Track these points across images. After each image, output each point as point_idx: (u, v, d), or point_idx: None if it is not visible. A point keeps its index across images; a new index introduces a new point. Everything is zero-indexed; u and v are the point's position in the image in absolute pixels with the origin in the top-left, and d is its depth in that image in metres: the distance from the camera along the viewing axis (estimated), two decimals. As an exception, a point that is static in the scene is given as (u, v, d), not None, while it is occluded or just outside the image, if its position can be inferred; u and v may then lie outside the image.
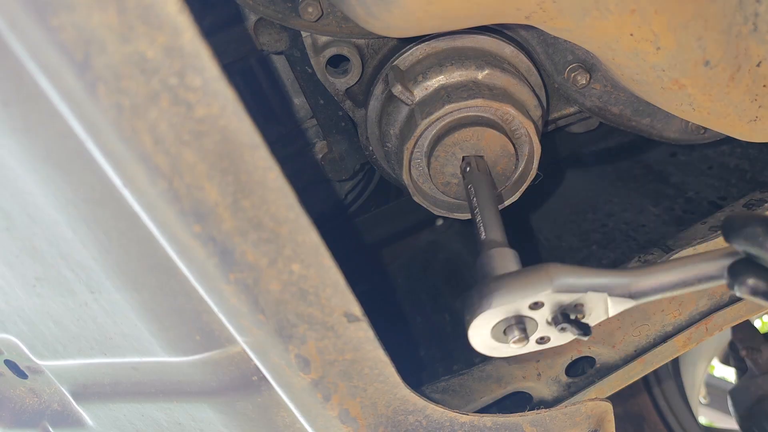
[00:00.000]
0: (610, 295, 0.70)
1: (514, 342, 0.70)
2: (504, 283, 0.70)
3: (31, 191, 0.72)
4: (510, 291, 0.70)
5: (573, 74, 0.99)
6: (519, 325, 0.70)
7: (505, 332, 0.71)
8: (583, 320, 0.71)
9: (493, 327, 0.71)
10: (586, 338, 0.71)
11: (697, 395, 2.22)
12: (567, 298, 0.69)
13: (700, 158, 1.45)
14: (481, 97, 0.89)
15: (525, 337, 0.70)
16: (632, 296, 0.71)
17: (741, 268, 0.68)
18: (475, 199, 0.85)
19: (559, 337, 0.73)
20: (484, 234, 0.80)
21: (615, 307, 0.71)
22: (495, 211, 0.83)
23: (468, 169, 0.90)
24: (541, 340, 0.74)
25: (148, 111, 0.54)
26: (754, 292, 0.67)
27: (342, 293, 0.67)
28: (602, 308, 0.71)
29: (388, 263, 1.71)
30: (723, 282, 0.69)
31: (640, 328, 0.98)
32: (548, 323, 0.71)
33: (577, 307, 0.71)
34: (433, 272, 1.63)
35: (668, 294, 0.71)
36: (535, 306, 0.70)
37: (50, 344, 0.94)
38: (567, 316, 0.70)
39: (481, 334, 0.72)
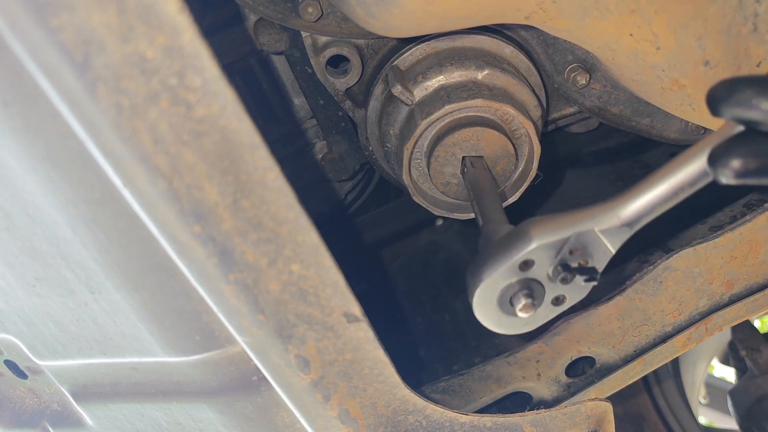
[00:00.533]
0: (601, 229, 0.67)
1: (521, 309, 0.68)
2: (489, 253, 0.69)
3: (31, 191, 0.72)
4: (495, 258, 0.67)
5: (573, 74, 0.99)
6: (523, 290, 0.68)
7: (512, 303, 0.69)
8: (589, 265, 0.69)
9: (498, 301, 0.69)
10: (595, 282, 0.68)
11: (697, 395, 2.22)
12: (557, 247, 0.67)
13: (700, 158, 1.44)
14: (480, 97, 0.89)
15: (531, 302, 0.68)
16: (626, 224, 0.67)
17: (720, 152, 0.61)
18: (473, 193, 0.85)
19: (574, 293, 0.70)
20: (482, 221, 0.78)
21: (613, 240, 0.68)
22: (495, 200, 0.82)
23: (466, 170, 0.90)
24: (557, 301, 0.71)
25: (148, 111, 0.54)
26: (743, 173, 0.60)
27: (342, 293, 0.67)
28: (601, 246, 0.68)
29: (388, 263, 1.71)
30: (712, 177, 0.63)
31: (640, 328, 0.98)
32: (550, 280, 0.69)
33: (575, 253, 0.68)
34: (433, 272, 1.63)
35: (662, 209, 0.67)
36: (526, 266, 0.67)
37: (50, 344, 0.94)
38: (567, 266, 0.68)
39: (489, 313, 0.70)
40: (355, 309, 0.68)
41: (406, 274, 1.68)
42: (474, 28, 0.92)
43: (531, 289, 0.69)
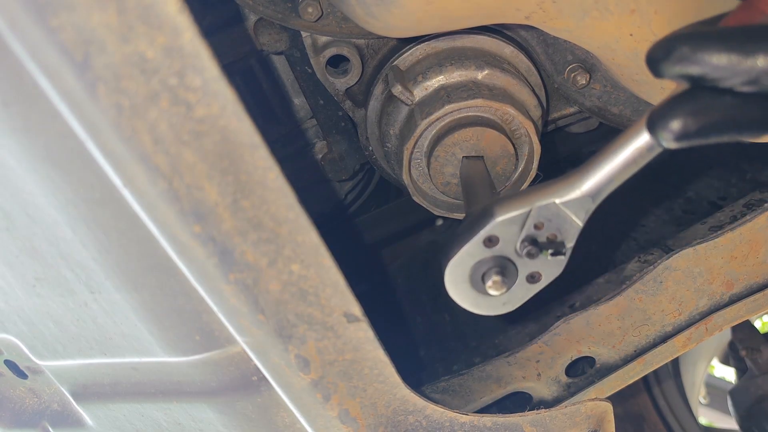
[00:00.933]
0: (562, 201, 0.67)
1: (491, 287, 0.69)
2: (456, 233, 0.70)
3: (31, 191, 0.72)
4: (461, 237, 0.69)
5: (573, 74, 0.99)
6: (494, 268, 0.69)
7: (484, 281, 0.70)
8: (558, 240, 0.69)
9: (470, 279, 0.70)
10: (562, 256, 0.69)
11: (697, 395, 2.22)
12: (519, 222, 0.68)
13: (700, 158, 1.45)
14: (480, 97, 0.89)
15: (502, 279, 0.69)
16: (588, 194, 0.67)
17: (658, 114, 0.58)
18: (464, 184, 0.85)
19: (547, 269, 0.71)
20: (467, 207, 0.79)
21: (577, 212, 0.68)
22: (485, 190, 0.82)
23: (461, 164, 0.90)
24: (532, 279, 0.71)
25: (148, 111, 0.54)
26: (683, 135, 0.57)
27: (342, 293, 0.67)
28: (567, 219, 0.68)
29: (388, 263, 1.71)
30: None
31: (640, 329, 0.98)
32: (518, 255, 0.69)
33: (539, 227, 0.68)
34: (433, 272, 1.63)
35: (623, 177, 0.66)
36: (491, 242, 0.68)
37: (50, 344, 0.94)
38: (533, 240, 0.68)
39: (463, 292, 0.71)
40: (355, 309, 0.68)
41: (406, 274, 1.68)
42: (474, 28, 0.92)
43: (502, 267, 0.69)
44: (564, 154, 1.48)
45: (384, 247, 1.69)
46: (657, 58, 0.57)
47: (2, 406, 1.11)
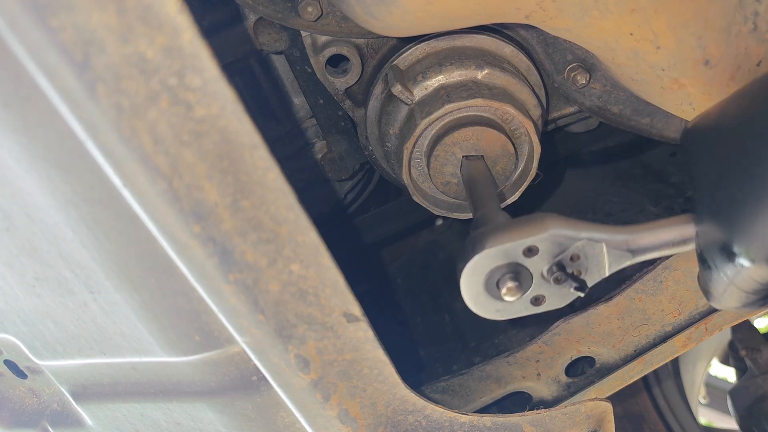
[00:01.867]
0: (609, 245, 0.68)
1: (506, 291, 0.68)
2: (499, 227, 0.69)
3: (31, 191, 0.72)
4: (505, 233, 0.68)
5: (573, 74, 0.99)
6: (513, 273, 0.69)
7: (498, 285, 0.69)
8: (581, 277, 0.70)
9: (487, 277, 0.70)
10: (582, 294, 0.69)
11: (697, 395, 2.22)
12: (563, 247, 0.68)
13: (700, 158, 1.44)
14: (480, 96, 0.89)
15: (518, 286, 0.68)
16: (631, 251, 0.69)
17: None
18: (467, 185, 0.85)
19: (555, 297, 0.71)
20: (474, 209, 0.79)
21: (613, 262, 0.69)
22: (489, 190, 0.82)
23: (462, 164, 0.90)
24: (536, 301, 0.72)
25: (148, 111, 0.54)
26: None
27: (342, 293, 0.67)
28: (600, 263, 0.69)
29: (388, 263, 1.71)
30: None
31: (640, 328, 0.98)
32: (543, 278, 0.69)
33: (574, 259, 0.69)
34: (433, 272, 1.63)
35: (667, 252, 0.68)
36: (530, 252, 0.68)
37: (50, 344, 0.94)
38: (563, 268, 0.68)
39: (474, 285, 0.70)
40: (355, 309, 0.68)
41: (406, 274, 1.68)
42: (474, 28, 0.92)
43: (519, 275, 0.69)
44: (564, 154, 1.48)
45: (384, 247, 1.69)
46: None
47: (2, 406, 1.11)
